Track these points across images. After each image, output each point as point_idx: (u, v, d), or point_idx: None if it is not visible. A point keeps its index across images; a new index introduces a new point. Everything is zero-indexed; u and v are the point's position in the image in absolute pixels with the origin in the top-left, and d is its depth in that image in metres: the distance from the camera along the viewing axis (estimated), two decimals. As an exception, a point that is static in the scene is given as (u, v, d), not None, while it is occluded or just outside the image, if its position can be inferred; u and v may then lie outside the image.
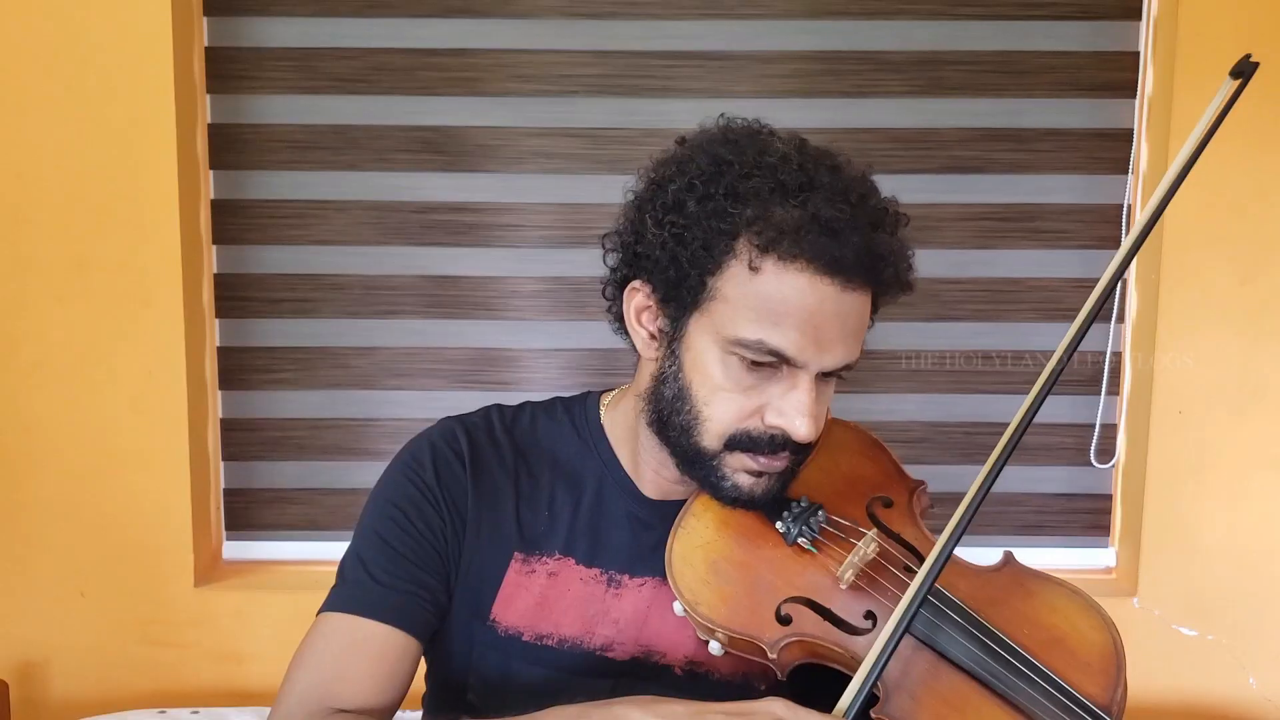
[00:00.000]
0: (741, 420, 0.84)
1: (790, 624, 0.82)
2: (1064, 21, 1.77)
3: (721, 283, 0.82)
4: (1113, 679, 0.78)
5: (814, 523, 0.87)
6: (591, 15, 1.77)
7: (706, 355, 0.84)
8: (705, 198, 0.82)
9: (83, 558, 1.77)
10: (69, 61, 1.68)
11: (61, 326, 1.72)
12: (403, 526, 0.91)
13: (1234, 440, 1.76)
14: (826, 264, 0.79)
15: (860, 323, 0.84)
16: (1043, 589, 0.85)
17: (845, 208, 0.81)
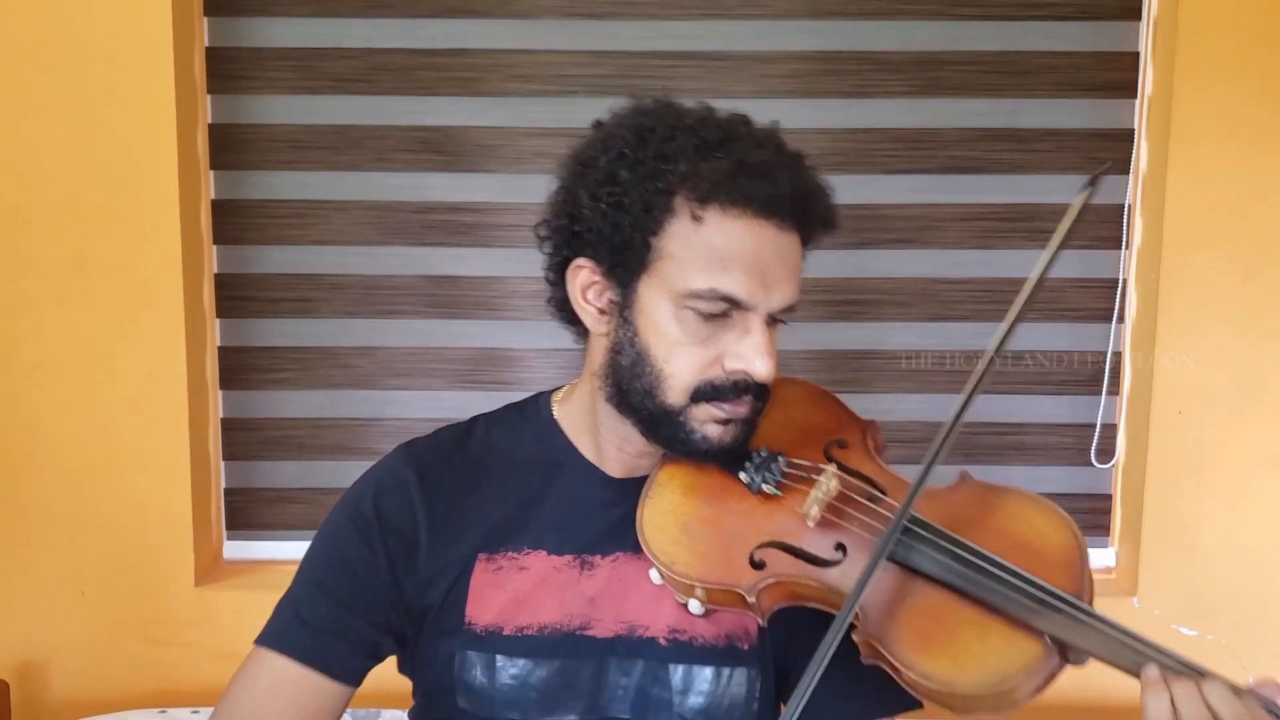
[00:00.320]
0: (704, 371, 0.87)
1: (765, 568, 0.85)
2: (1064, 21, 1.77)
3: (665, 241, 0.86)
4: (1078, 570, 0.81)
5: (775, 469, 0.90)
6: (591, 15, 1.77)
7: (660, 314, 0.87)
8: (636, 164, 0.86)
9: (83, 558, 1.77)
10: (69, 61, 1.68)
11: (61, 326, 1.73)
12: (337, 569, 0.94)
13: (1234, 440, 1.76)
14: (761, 206, 0.84)
15: (797, 263, 0.89)
16: (1001, 499, 0.88)
17: (768, 153, 0.86)
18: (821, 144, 1.79)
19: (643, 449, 0.94)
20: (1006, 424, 1.84)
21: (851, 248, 1.81)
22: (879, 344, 1.83)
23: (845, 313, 1.82)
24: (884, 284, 1.82)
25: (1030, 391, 1.84)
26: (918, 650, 0.79)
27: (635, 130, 0.89)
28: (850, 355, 1.83)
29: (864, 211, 1.80)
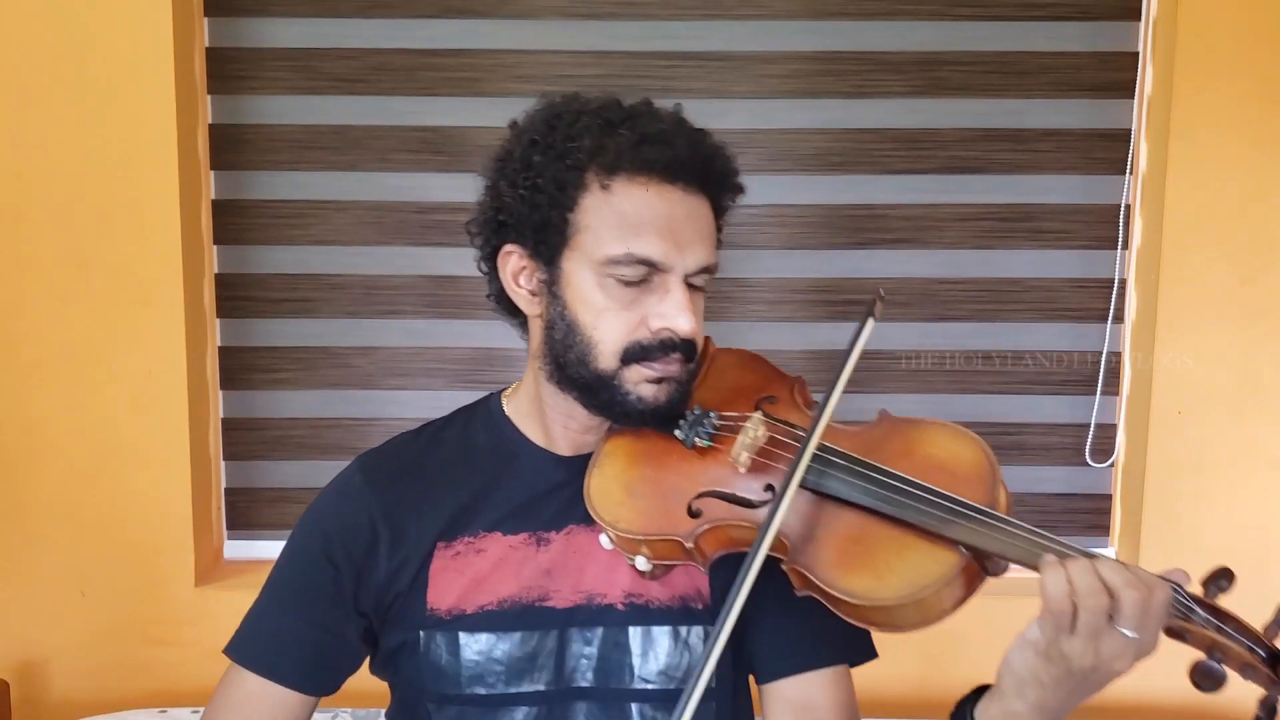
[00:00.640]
0: (630, 333, 0.92)
1: (701, 515, 0.90)
2: (1064, 22, 1.77)
3: (580, 215, 0.91)
4: (989, 484, 0.84)
5: (707, 424, 0.95)
6: (591, 15, 1.77)
7: (584, 284, 0.92)
8: (547, 148, 0.93)
9: (83, 558, 1.77)
10: (69, 61, 1.68)
11: (62, 326, 1.73)
12: (297, 584, 1.00)
13: (1234, 440, 1.76)
14: (665, 170, 0.90)
15: (709, 226, 0.94)
16: (916, 429, 0.92)
17: (666, 124, 0.93)
18: (821, 144, 1.79)
19: (587, 424, 0.99)
20: (1006, 424, 1.84)
21: (851, 248, 1.81)
22: (879, 344, 1.83)
23: (845, 313, 1.82)
24: (884, 284, 1.82)
25: (1030, 391, 1.84)
26: (840, 570, 0.83)
27: (545, 119, 0.95)
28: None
29: (864, 211, 1.80)
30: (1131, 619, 0.73)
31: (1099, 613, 0.73)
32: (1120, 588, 0.73)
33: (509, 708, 0.95)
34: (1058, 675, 0.74)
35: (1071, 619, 0.73)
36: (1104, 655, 0.73)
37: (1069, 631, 0.73)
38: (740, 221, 1.79)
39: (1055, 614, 0.74)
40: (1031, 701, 0.77)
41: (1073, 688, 0.75)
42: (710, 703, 0.96)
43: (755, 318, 1.83)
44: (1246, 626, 0.75)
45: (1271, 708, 0.72)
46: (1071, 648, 0.73)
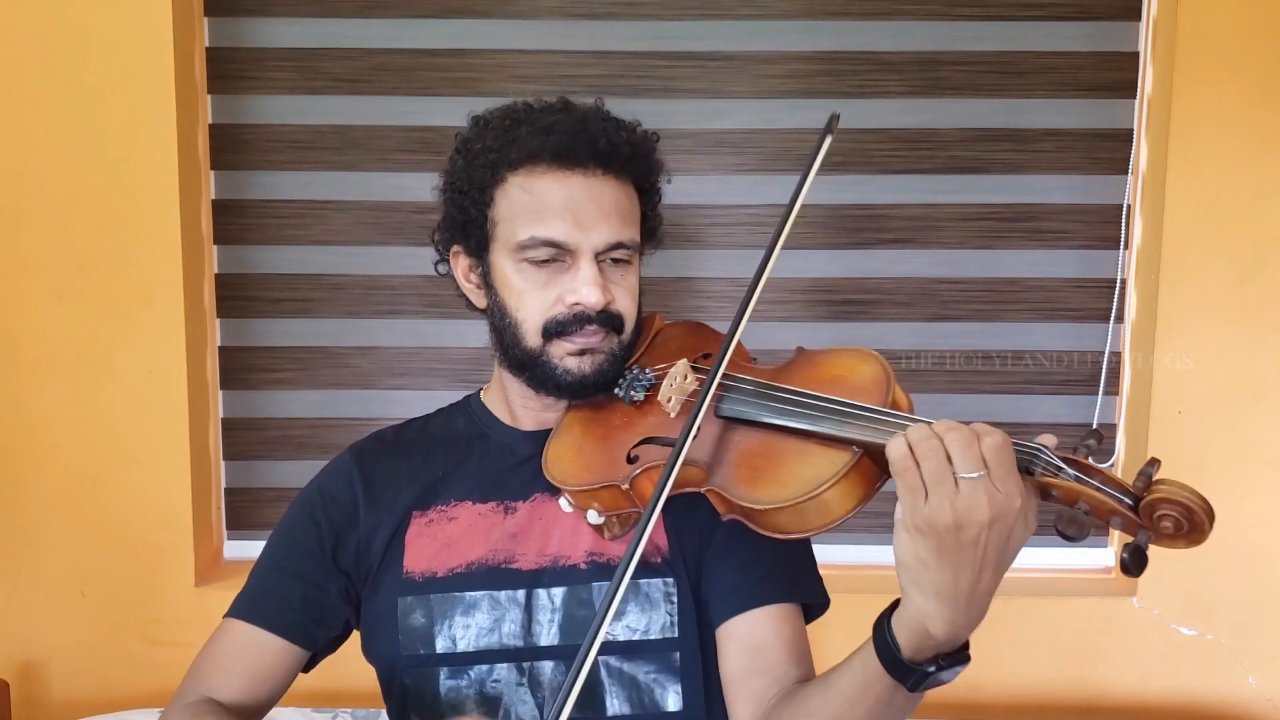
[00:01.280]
0: (547, 311, 1.00)
1: (637, 461, 0.96)
2: (1064, 21, 1.77)
3: (495, 210, 1.01)
4: (884, 389, 0.89)
5: (642, 379, 1.03)
6: (591, 15, 1.77)
7: (507, 271, 1.01)
8: (468, 153, 1.03)
9: (83, 558, 1.77)
10: (69, 61, 1.68)
11: (62, 326, 1.73)
12: (285, 544, 1.08)
13: (1234, 440, 1.76)
14: (554, 157, 0.98)
15: (618, 204, 1.01)
16: (824, 356, 0.99)
17: (558, 115, 1.02)
18: (821, 144, 1.79)
19: (544, 402, 1.07)
20: (1006, 424, 1.81)
21: (851, 248, 1.81)
22: (879, 344, 1.83)
23: (845, 313, 1.82)
24: (884, 284, 1.82)
25: (1030, 391, 1.84)
26: (750, 484, 0.89)
27: (470, 130, 1.06)
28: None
29: (864, 211, 1.80)
30: (963, 461, 0.74)
31: (935, 459, 0.74)
32: (944, 432, 0.76)
33: (478, 665, 1.00)
34: (934, 546, 0.74)
35: (918, 477, 0.75)
36: (960, 509, 0.73)
37: (921, 494, 0.75)
38: (740, 221, 1.80)
39: (900, 474, 0.76)
40: (928, 589, 0.76)
41: (955, 558, 0.74)
42: (674, 652, 1.00)
43: (755, 317, 1.80)
44: (1111, 478, 0.76)
45: (1137, 549, 0.73)
46: (929, 510, 0.74)
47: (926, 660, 0.80)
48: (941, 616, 0.76)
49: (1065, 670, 1.78)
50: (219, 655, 1.05)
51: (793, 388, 0.92)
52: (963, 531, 0.73)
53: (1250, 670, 1.78)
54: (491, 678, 1.00)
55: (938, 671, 0.80)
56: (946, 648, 0.80)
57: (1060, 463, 0.77)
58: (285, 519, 1.10)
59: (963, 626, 0.78)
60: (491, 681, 1.00)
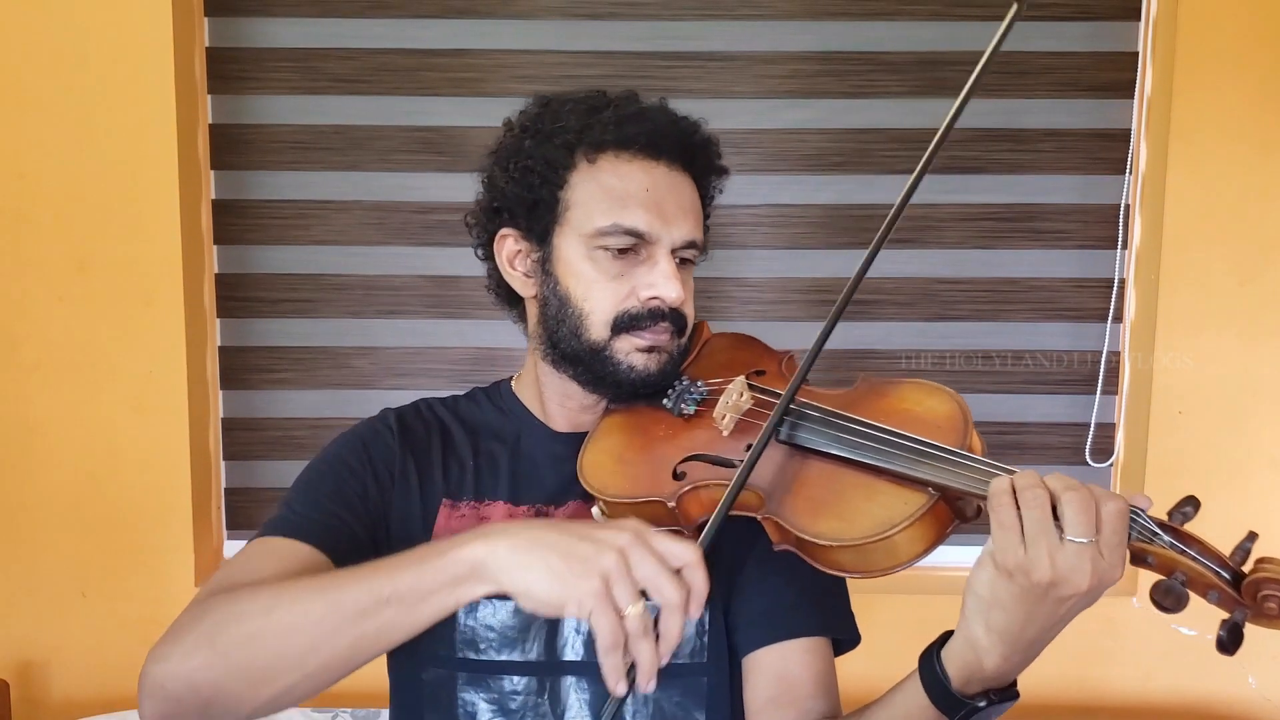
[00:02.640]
0: (620, 303, 0.95)
1: (684, 478, 0.92)
2: (1064, 21, 1.77)
3: (569, 192, 0.95)
4: (961, 430, 0.85)
5: (694, 391, 0.98)
6: (591, 16, 1.77)
7: (575, 258, 0.96)
8: (537, 132, 0.98)
9: (83, 558, 1.77)
10: (70, 62, 1.68)
11: (62, 326, 1.73)
12: (327, 477, 1.00)
13: (1234, 440, 1.76)
14: (647, 146, 0.95)
15: (693, 203, 0.98)
16: (892, 387, 0.94)
17: (644, 106, 0.99)
18: (821, 144, 1.79)
19: (583, 402, 1.02)
20: (1005, 423, 1.84)
21: (851, 248, 1.81)
22: (879, 344, 1.83)
23: (845, 312, 1.81)
24: (884, 284, 1.82)
25: (1029, 391, 1.84)
26: (811, 516, 0.84)
27: (534, 110, 1.00)
28: (850, 355, 1.83)
29: (864, 211, 1.80)
30: (1077, 524, 0.71)
31: (1040, 509, 0.71)
32: (1060, 490, 0.72)
33: (498, 676, 0.96)
34: (1017, 592, 0.72)
35: (1018, 522, 0.72)
36: (1060, 568, 0.71)
37: (1017, 536, 0.72)
38: (740, 221, 1.80)
39: (998, 512, 0.73)
40: (995, 625, 0.74)
41: (1032, 610, 0.73)
42: (702, 678, 0.97)
43: (755, 317, 1.83)
44: (1210, 549, 0.74)
45: (1234, 628, 0.71)
46: (1028, 560, 0.71)
47: (976, 694, 0.78)
48: (998, 652, 0.75)
49: (1065, 670, 1.78)
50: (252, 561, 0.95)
51: (860, 419, 0.87)
52: (1055, 589, 0.72)
53: (1250, 670, 1.78)
54: (511, 690, 0.96)
55: (987, 707, 0.78)
56: (994, 683, 0.78)
57: (1156, 528, 0.75)
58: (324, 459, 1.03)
59: (1016, 666, 0.77)
60: (511, 694, 0.96)
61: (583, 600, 0.70)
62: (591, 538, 0.73)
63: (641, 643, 0.70)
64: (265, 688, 0.80)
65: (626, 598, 0.70)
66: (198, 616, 0.85)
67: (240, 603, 0.83)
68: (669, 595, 0.71)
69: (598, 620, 0.70)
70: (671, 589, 0.71)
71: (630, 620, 0.70)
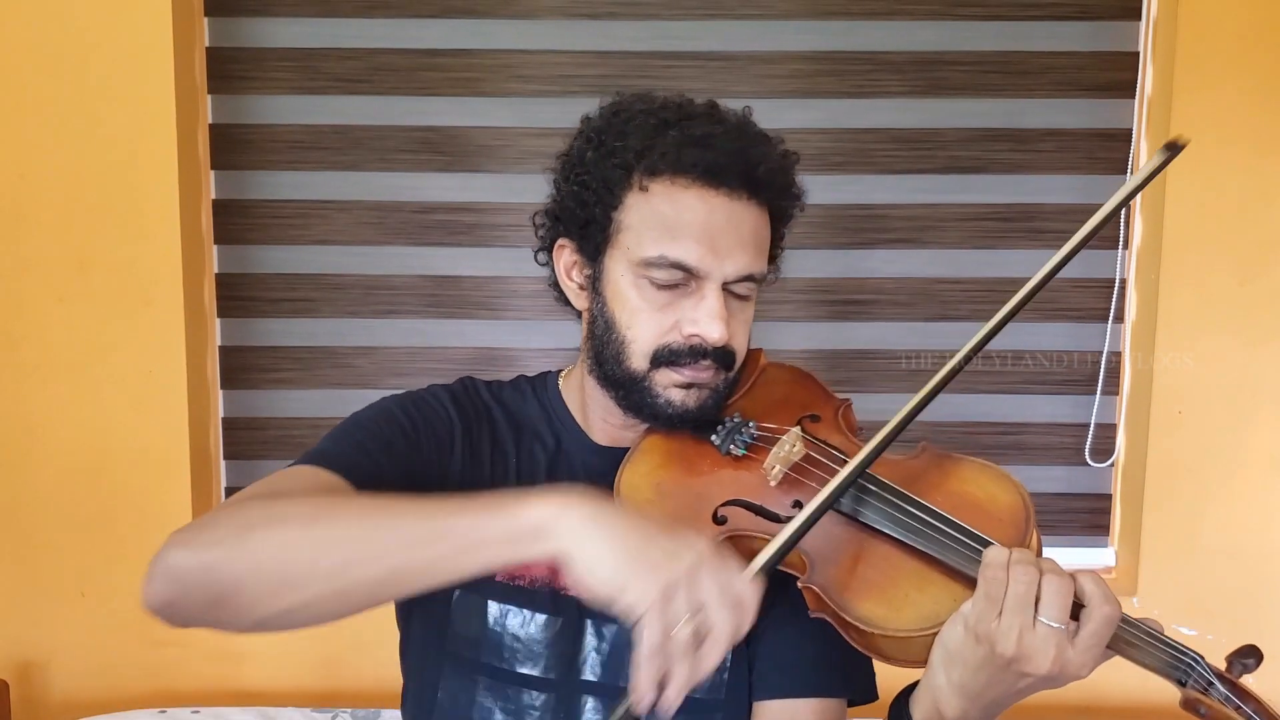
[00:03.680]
0: (662, 336, 0.91)
1: (725, 523, 0.89)
2: (1064, 21, 1.77)
3: (623, 214, 0.91)
4: (1022, 529, 0.82)
5: (745, 433, 0.94)
6: (591, 15, 1.77)
7: (623, 283, 0.92)
8: (600, 145, 0.93)
9: (83, 558, 1.77)
10: (69, 62, 1.68)
11: (62, 326, 1.73)
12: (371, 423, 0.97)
13: (1234, 440, 1.76)
14: (705, 174, 0.88)
15: (755, 233, 0.92)
16: (956, 466, 0.91)
17: (717, 126, 0.92)
18: (821, 144, 1.79)
19: (624, 421, 0.98)
20: (1006, 424, 1.84)
21: (851, 248, 1.81)
22: (879, 344, 1.83)
23: (845, 313, 1.82)
24: (884, 284, 1.82)
25: (1030, 391, 1.84)
26: (858, 596, 0.81)
27: (605, 117, 0.95)
28: (850, 355, 1.83)
29: (864, 211, 1.80)
30: (1052, 607, 0.72)
31: (1025, 586, 0.72)
32: (1047, 571, 0.73)
33: (517, 688, 0.94)
34: (981, 658, 0.74)
35: (1002, 590, 0.73)
36: (1025, 648, 0.72)
37: (998, 608, 0.73)
38: (740, 221, 1.80)
39: (988, 581, 0.73)
40: (954, 680, 0.76)
41: (992, 677, 0.74)
42: (716, 714, 0.95)
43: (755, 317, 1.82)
44: (1267, 709, 0.72)
45: None
46: (997, 628, 0.72)
47: None
48: (956, 704, 0.77)
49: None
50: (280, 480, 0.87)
51: (924, 503, 0.84)
52: (1017, 664, 0.73)
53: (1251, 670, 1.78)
54: (529, 704, 0.94)
55: None
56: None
57: (1214, 677, 0.74)
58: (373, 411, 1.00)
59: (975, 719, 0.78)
60: (528, 707, 0.94)
61: (644, 594, 0.68)
62: (669, 540, 0.72)
63: (682, 662, 0.69)
64: (284, 597, 0.75)
65: (682, 610, 0.69)
66: (233, 513, 0.79)
67: (282, 506, 0.78)
68: (721, 624, 0.69)
69: (649, 622, 0.68)
70: (725, 619, 0.69)
71: (678, 634, 0.69)
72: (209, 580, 0.75)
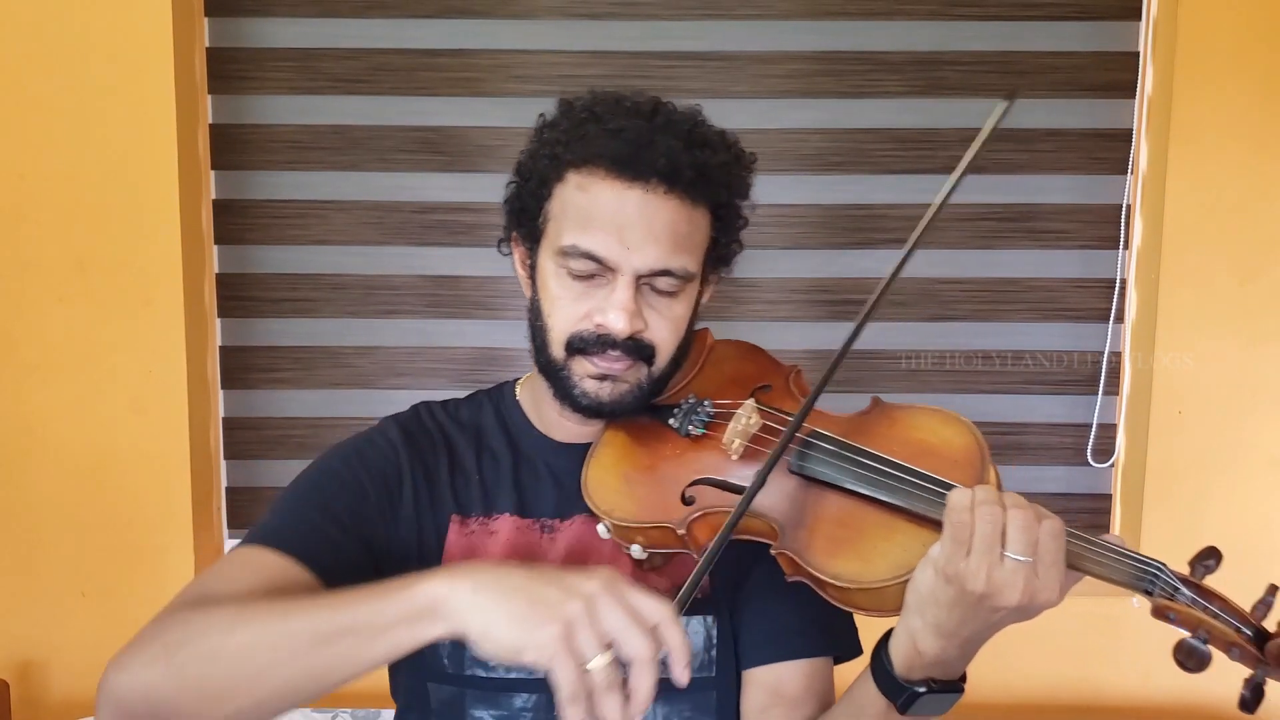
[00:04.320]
0: (574, 324, 0.93)
1: (694, 503, 0.90)
2: (1064, 21, 1.77)
3: (551, 205, 0.94)
4: (978, 467, 0.84)
5: (701, 412, 0.96)
6: (591, 16, 1.77)
7: (547, 273, 0.95)
8: (540, 141, 0.97)
9: (83, 558, 1.77)
10: (70, 62, 1.68)
11: (62, 326, 1.73)
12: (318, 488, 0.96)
13: (1234, 440, 1.76)
14: (617, 166, 0.89)
15: (673, 227, 0.91)
16: (907, 414, 0.92)
17: (636, 120, 0.92)
18: (820, 144, 1.79)
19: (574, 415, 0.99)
20: (1006, 424, 1.84)
21: (850, 248, 1.81)
22: (879, 344, 1.83)
23: (845, 313, 1.82)
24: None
25: (1029, 391, 1.84)
26: (829, 555, 0.83)
27: (555, 114, 0.99)
28: (850, 355, 1.80)
29: (863, 211, 1.80)
30: (1017, 542, 0.73)
31: (991, 525, 0.73)
32: (1010, 506, 0.74)
33: (507, 693, 0.95)
34: (953, 597, 0.75)
35: (969, 534, 0.73)
36: (995, 583, 0.73)
37: (966, 549, 0.73)
38: (740, 221, 1.80)
39: (954, 525, 0.74)
40: (929, 621, 0.77)
41: (965, 614, 0.75)
42: (711, 692, 0.97)
43: (755, 317, 1.83)
44: (1232, 605, 0.75)
45: (1257, 686, 0.71)
46: (966, 567, 0.73)
47: (918, 681, 0.81)
48: (934, 643, 0.78)
49: (1065, 670, 1.78)
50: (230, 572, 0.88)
51: (881, 454, 0.86)
52: (988, 600, 0.74)
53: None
54: (521, 707, 0.95)
55: (927, 693, 0.80)
56: (937, 673, 0.81)
57: (1178, 583, 0.75)
58: (319, 468, 0.98)
59: (954, 658, 0.79)
60: (521, 710, 0.95)
61: (542, 646, 0.67)
62: (559, 583, 0.70)
63: (606, 698, 0.67)
64: (219, 707, 0.77)
65: (590, 648, 0.67)
66: (162, 629, 0.81)
67: (203, 618, 0.79)
68: (636, 649, 0.67)
69: (557, 668, 0.67)
70: (639, 642, 0.67)
71: (594, 673, 0.67)
72: (146, 702, 0.80)
